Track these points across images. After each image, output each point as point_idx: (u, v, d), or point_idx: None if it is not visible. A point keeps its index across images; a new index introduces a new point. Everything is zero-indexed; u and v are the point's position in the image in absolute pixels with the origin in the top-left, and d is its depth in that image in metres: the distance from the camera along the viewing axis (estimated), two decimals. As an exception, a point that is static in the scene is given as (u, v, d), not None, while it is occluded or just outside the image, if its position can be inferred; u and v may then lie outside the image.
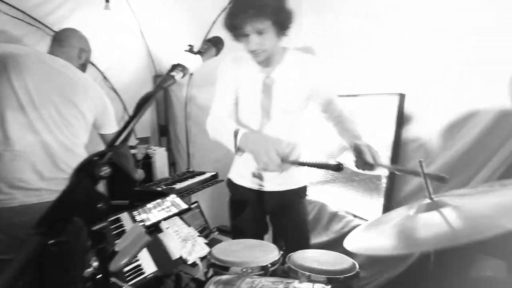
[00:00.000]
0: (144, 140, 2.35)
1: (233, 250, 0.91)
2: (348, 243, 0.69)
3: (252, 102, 1.20)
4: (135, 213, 1.43)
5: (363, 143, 0.98)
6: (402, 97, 1.51)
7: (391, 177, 1.55)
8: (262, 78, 1.17)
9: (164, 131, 3.25)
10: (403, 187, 1.52)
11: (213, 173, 2.10)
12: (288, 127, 1.21)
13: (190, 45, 0.73)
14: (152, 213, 1.42)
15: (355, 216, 1.73)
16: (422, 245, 0.59)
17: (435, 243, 0.55)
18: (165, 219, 1.34)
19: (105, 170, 0.45)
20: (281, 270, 0.84)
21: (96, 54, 1.85)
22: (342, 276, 0.72)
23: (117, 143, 0.51)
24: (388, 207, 1.55)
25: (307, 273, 0.75)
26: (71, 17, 2.17)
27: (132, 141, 2.47)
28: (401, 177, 1.53)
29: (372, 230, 0.72)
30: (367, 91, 1.68)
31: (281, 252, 0.90)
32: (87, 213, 0.45)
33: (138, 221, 1.33)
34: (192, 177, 2.01)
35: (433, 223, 0.59)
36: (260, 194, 1.29)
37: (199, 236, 1.21)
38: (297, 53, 1.20)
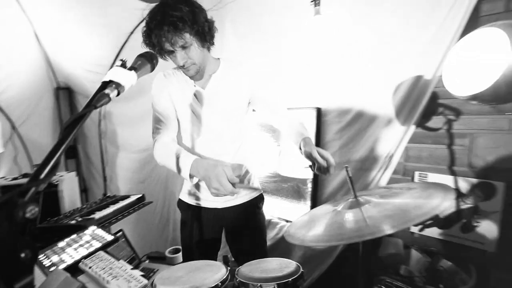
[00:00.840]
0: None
1: (179, 276, 0.85)
2: (288, 237, 0.79)
3: (192, 116, 1.16)
4: (41, 257, 1.17)
5: (313, 148, 1.00)
6: (318, 110, 1.75)
7: (315, 182, 1.75)
8: (198, 90, 1.14)
9: (71, 153, 2.77)
10: (325, 189, 1.74)
11: (139, 196, 1.90)
12: (228, 134, 1.19)
13: (122, 60, 0.67)
14: (67, 252, 1.19)
15: (287, 221, 1.86)
16: (348, 239, 0.70)
17: (355, 238, 0.67)
18: (86, 257, 1.14)
19: (32, 210, 0.37)
20: (232, 286, 0.84)
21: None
22: (290, 279, 0.77)
23: (43, 175, 0.42)
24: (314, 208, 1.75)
25: (259, 284, 0.77)
26: None
27: (28, 169, 2.01)
28: (323, 181, 1.75)
29: (308, 225, 0.82)
30: (289, 106, 1.87)
31: (229, 268, 0.90)
32: (6, 268, 0.36)
33: (47, 267, 1.08)
34: (114, 202, 1.77)
35: (353, 219, 0.72)
36: (215, 211, 1.25)
37: (132, 269, 1.08)
38: (231, 63, 1.19)
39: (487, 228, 1.46)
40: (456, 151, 1.55)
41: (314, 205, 1.74)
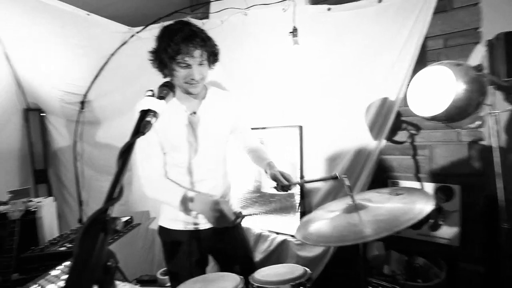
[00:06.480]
0: (20, 193, 1.81)
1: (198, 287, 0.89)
2: (297, 233, 0.90)
3: (178, 137, 1.17)
4: (35, 287, 1.11)
5: (276, 171, 1.15)
6: (301, 128, 1.91)
7: (302, 195, 1.88)
8: (188, 114, 1.17)
9: (42, 177, 2.59)
10: (311, 200, 1.88)
11: (127, 218, 1.85)
12: (215, 160, 1.24)
13: (151, 90, 0.75)
14: (64, 280, 1.14)
15: (277, 233, 1.95)
16: (352, 240, 0.81)
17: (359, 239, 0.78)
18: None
19: (120, 223, 0.44)
20: (248, 293, 0.90)
21: None
22: (303, 280, 0.86)
23: (115, 195, 0.49)
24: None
25: (275, 286, 0.85)
26: None
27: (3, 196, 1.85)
28: (309, 193, 1.88)
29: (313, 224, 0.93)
30: (274, 125, 2.02)
31: (241, 277, 0.96)
32: (100, 276, 0.41)
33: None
34: (102, 227, 1.71)
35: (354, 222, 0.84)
36: (196, 233, 1.24)
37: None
38: (218, 90, 1.25)
39: (451, 225, 1.70)
40: (419, 160, 1.80)
41: (302, 216, 1.86)
